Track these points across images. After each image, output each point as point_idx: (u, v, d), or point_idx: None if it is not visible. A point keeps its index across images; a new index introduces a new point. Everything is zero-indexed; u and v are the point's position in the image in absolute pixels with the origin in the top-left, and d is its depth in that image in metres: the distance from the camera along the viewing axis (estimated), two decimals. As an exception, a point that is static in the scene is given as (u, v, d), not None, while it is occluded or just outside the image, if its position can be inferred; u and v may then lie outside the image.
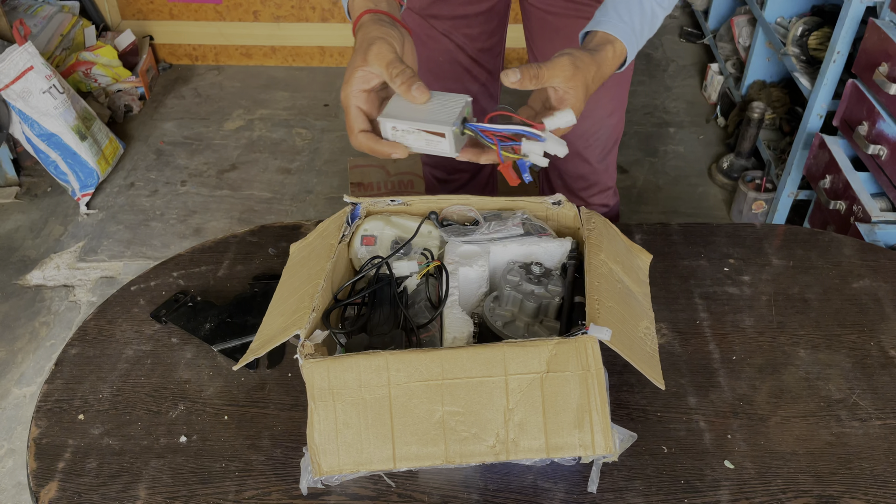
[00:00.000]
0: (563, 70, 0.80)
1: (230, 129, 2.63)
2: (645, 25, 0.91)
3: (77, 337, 1.00)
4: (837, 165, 1.69)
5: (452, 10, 1.26)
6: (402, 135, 0.80)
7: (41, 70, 2.13)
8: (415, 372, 0.73)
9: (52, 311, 1.94)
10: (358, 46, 0.82)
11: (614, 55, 0.87)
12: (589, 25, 0.91)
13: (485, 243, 0.91)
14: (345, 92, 0.82)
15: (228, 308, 1.02)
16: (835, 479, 0.82)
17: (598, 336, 0.73)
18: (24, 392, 1.74)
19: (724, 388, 0.92)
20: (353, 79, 0.81)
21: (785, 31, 2.15)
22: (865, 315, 1.02)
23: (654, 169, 2.42)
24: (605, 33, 0.88)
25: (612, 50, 0.87)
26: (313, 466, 0.73)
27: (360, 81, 0.81)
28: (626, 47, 0.88)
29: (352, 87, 0.81)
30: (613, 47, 0.87)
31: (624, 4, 0.89)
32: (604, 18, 0.89)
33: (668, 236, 1.16)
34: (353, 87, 0.81)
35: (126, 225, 2.21)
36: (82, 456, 0.85)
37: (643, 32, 0.91)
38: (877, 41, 1.56)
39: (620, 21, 0.88)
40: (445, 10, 1.26)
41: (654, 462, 0.84)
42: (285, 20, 2.88)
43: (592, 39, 0.88)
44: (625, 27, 0.88)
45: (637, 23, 0.89)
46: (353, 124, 0.82)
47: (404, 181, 2.20)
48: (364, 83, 0.81)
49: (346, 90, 0.82)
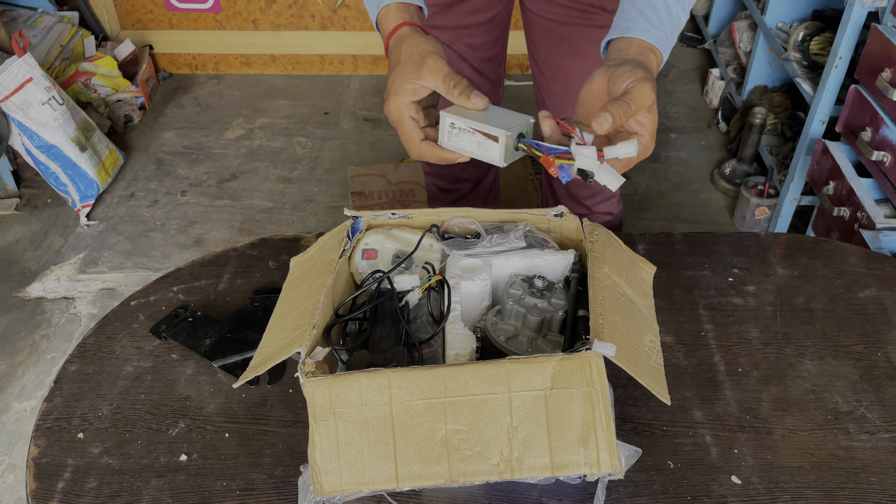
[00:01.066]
0: (647, 98, 0.76)
1: (230, 139, 2.62)
2: (674, 30, 0.87)
3: (76, 353, 0.99)
4: (841, 171, 1.68)
5: (455, 20, 1.26)
6: (457, 134, 0.80)
7: (40, 81, 2.12)
8: (417, 390, 0.72)
9: (52, 323, 1.93)
10: (406, 58, 0.82)
11: (657, 64, 0.83)
12: (615, 32, 0.85)
13: (487, 256, 0.90)
14: (395, 103, 0.82)
15: (229, 323, 1.01)
16: (843, 494, 0.81)
17: (603, 352, 0.72)
18: (25, 406, 1.73)
19: (730, 401, 0.91)
20: (403, 90, 0.81)
21: (786, 36, 2.14)
22: (872, 325, 1.01)
23: (656, 175, 2.41)
24: (641, 41, 0.83)
25: (655, 59, 0.83)
26: (315, 487, 0.72)
27: (411, 94, 0.81)
28: (664, 55, 0.85)
29: (403, 99, 0.81)
30: (655, 55, 0.83)
31: (651, 9, 0.84)
32: (634, 25, 0.84)
33: (672, 246, 1.15)
34: (404, 99, 0.81)
35: (126, 236, 2.21)
36: (82, 476, 0.84)
37: (673, 37, 0.87)
38: (879, 46, 1.55)
39: (652, 27, 0.84)
40: (448, 20, 1.25)
41: (660, 478, 0.83)
42: (285, 28, 2.88)
43: (629, 48, 0.83)
44: (658, 33, 0.84)
45: (668, 27, 0.86)
46: (412, 135, 0.83)
47: (405, 190, 2.19)
48: (414, 95, 0.81)
49: (396, 101, 0.82)
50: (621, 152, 0.76)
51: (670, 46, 0.87)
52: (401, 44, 0.84)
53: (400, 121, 0.83)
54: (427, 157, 0.83)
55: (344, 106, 2.79)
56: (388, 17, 0.86)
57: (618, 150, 0.76)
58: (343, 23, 2.86)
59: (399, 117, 0.83)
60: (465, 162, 0.84)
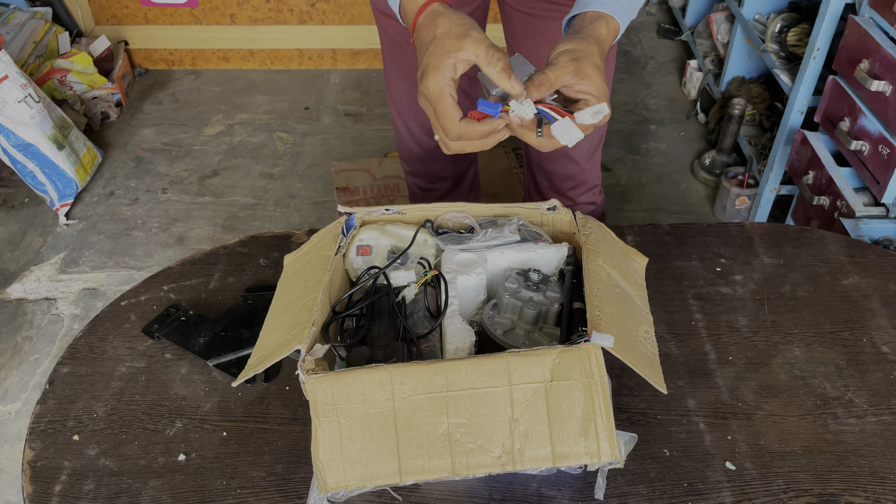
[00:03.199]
0: (565, 68, 0.80)
1: (210, 135, 2.60)
2: (633, 2, 0.90)
3: (68, 355, 0.98)
4: (820, 161, 1.71)
5: None
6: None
7: (16, 79, 2.09)
8: (418, 385, 0.72)
9: (34, 325, 1.90)
10: (444, 32, 0.80)
11: (608, 29, 0.86)
12: (575, 8, 0.89)
13: (482, 251, 0.91)
14: (435, 80, 0.79)
15: (222, 321, 1.01)
16: (834, 477, 0.83)
17: (601, 343, 0.73)
18: (10, 409, 1.71)
19: (721, 389, 0.93)
20: (444, 66, 0.78)
21: (763, 28, 2.17)
22: (856, 311, 1.04)
23: (637, 167, 2.44)
24: (595, 11, 0.86)
25: (606, 24, 0.86)
26: (319, 483, 0.72)
27: (451, 69, 0.79)
28: (619, 22, 0.87)
29: (444, 75, 0.79)
30: (606, 22, 0.86)
31: None
32: (591, 0, 0.87)
33: (659, 237, 1.16)
34: (445, 75, 0.79)
35: (107, 235, 2.18)
36: (79, 478, 0.83)
37: (632, 9, 0.90)
38: (857, 38, 1.58)
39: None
40: None
41: (656, 466, 0.84)
42: (262, 23, 2.85)
43: (582, 21, 0.87)
44: (612, 3, 0.87)
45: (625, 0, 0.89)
46: (452, 113, 0.79)
47: (390, 185, 2.19)
48: (454, 71, 0.79)
49: (437, 78, 0.79)
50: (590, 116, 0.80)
51: (628, 16, 0.89)
52: (436, 18, 0.82)
53: (440, 98, 0.79)
54: (466, 135, 0.80)
55: (324, 101, 2.77)
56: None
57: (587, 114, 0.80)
58: (322, 17, 2.84)
59: (439, 94, 0.79)
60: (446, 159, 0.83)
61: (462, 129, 0.80)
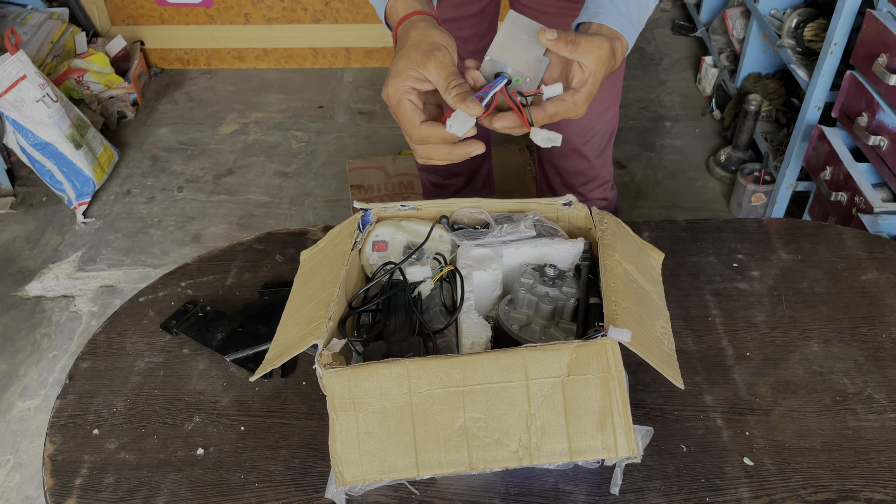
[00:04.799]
0: (599, 49, 0.79)
1: (225, 134, 2.61)
2: (641, 18, 0.89)
3: (87, 350, 0.99)
4: (838, 157, 1.69)
5: (443, 12, 1.25)
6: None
7: (34, 79, 2.11)
8: (435, 379, 0.73)
9: (52, 322, 1.92)
10: (413, 44, 0.80)
11: (622, 51, 0.85)
12: (584, 16, 0.87)
13: (497, 246, 0.91)
14: (395, 86, 0.79)
15: (239, 317, 1.02)
16: (854, 473, 0.83)
17: (618, 338, 0.73)
18: (29, 405, 1.73)
19: (739, 385, 0.93)
20: (406, 75, 0.79)
21: (779, 23, 2.15)
22: (875, 307, 1.03)
23: (651, 163, 2.43)
24: (609, 28, 0.85)
25: (621, 47, 0.85)
26: (336, 477, 0.72)
27: (413, 80, 0.79)
28: (628, 42, 0.87)
29: (405, 83, 0.79)
30: (621, 43, 0.85)
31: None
32: (602, 10, 0.86)
33: (676, 233, 1.16)
34: (406, 83, 0.79)
35: (124, 233, 2.20)
36: (99, 471, 0.84)
37: (639, 25, 0.89)
38: (875, 32, 1.57)
39: (619, 14, 0.86)
40: None
41: (673, 461, 0.84)
42: (277, 22, 2.86)
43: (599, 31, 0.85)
44: (624, 21, 0.86)
45: (634, 15, 0.87)
46: (412, 117, 0.80)
47: (404, 182, 2.19)
48: (416, 83, 0.79)
49: (396, 84, 0.79)
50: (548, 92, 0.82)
51: (636, 33, 0.89)
52: (410, 30, 0.82)
53: (399, 104, 0.80)
54: (429, 138, 0.80)
55: (338, 99, 2.78)
56: (398, 6, 0.85)
57: (549, 89, 0.82)
58: (335, 16, 2.85)
59: (398, 100, 0.80)
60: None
61: (424, 133, 0.80)
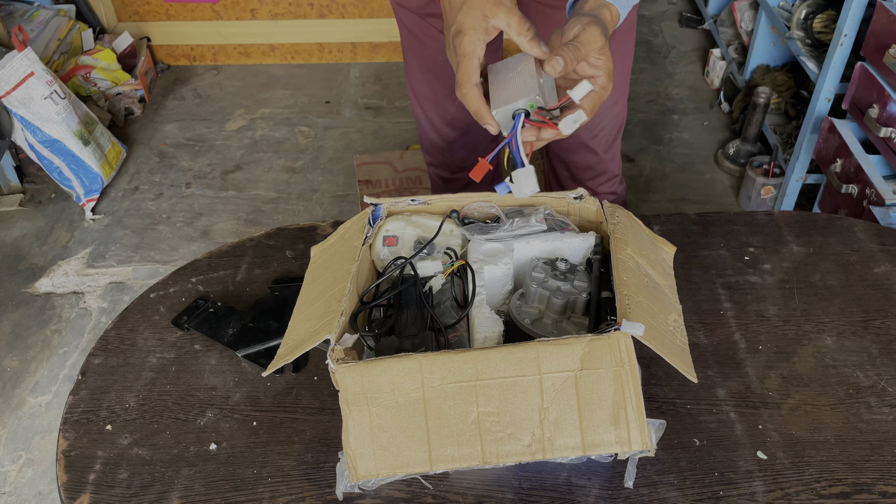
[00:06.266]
0: (596, 39, 0.79)
1: (232, 130, 2.61)
2: None
3: (99, 346, 0.99)
4: (848, 149, 1.68)
5: None
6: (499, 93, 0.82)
7: (42, 76, 2.11)
8: (448, 374, 0.73)
9: (62, 318, 1.93)
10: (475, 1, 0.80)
11: (611, 19, 0.86)
12: None
13: (508, 240, 0.91)
14: (471, 39, 0.79)
15: (250, 312, 1.02)
16: (868, 466, 0.82)
17: (632, 332, 0.73)
18: (40, 401, 1.74)
19: (752, 378, 0.92)
20: (479, 27, 0.79)
21: (788, 15, 2.14)
22: (889, 300, 1.02)
23: (660, 157, 2.42)
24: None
25: (609, 14, 0.85)
26: (350, 471, 0.72)
27: (483, 32, 0.79)
28: (619, 11, 0.87)
29: (479, 35, 0.79)
30: (609, 11, 0.85)
31: None
32: None
33: (686, 226, 1.15)
34: (480, 35, 0.79)
35: (133, 229, 2.20)
36: (113, 467, 0.84)
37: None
38: (886, 23, 1.55)
39: None
40: None
41: (686, 455, 0.84)
42: (283, 17, 2.86)
43: (585, 6, 0.86)
44: None
45: None
46: (471, 74, 0.80)
47: (412, 177, 2.19)
48: (486, 35, 0.80)
49: (472, 37, 0.79)
50: (577, 94, 0.80)
51: (628, 6, 0.88)
52: None
53: (470, 55, 0.80)
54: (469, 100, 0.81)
55: (345, 94, 2.78)
56: None
57: (575, 92, 0.80)
58: (342, 10, 2.84)
59: (471, 51, 0.80)
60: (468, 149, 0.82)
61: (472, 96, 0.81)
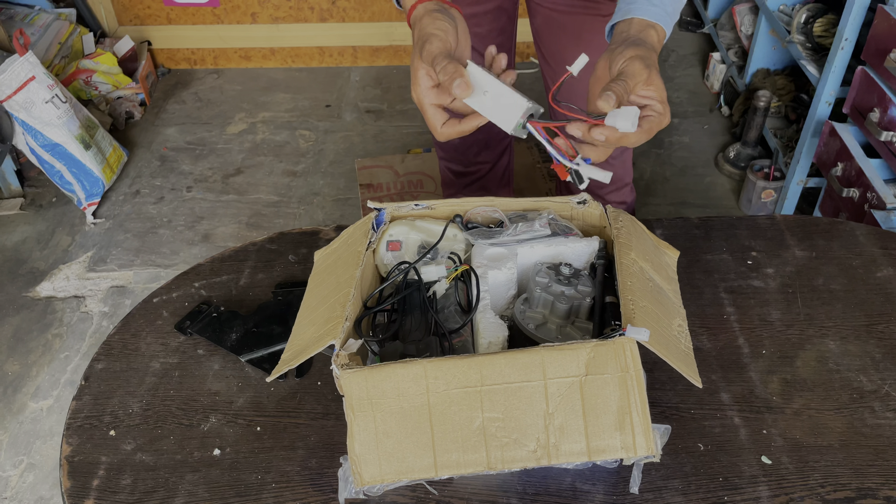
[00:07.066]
0: (640, 73, 0.80)
1: (233, 133, 2.61)
2: (675, 7, 0.90)
3: (102, 351, 0.99)
4: (849, 153, 1.68)
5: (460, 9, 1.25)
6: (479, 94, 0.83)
7: (43, 80, 2.11)
8: (453, 379, 0.72)
9: (64, 322, 1.93)
10: (415, 44, 0.86)
11: (658, 39, 0.87)
12: (618, 15, 0.89)
13: (512, 245, 0.91)
14: (415, 93, 0.86)
15: (253, 317, 1.02)
16: (872, 471, 0.82)
17: (637, 337, 0.73)
18: (41, 406, 1.73)
19: (755, 383, 0.92)
20: (418, 78, 0.84)
21: (788, 19, 2.14)
22: (892, 304, 1.02)
23: (660, 160, 2.42)
24: (641, 20, 0.86)
25: (656, 33, 0.86)
26: (355, 477, 0.72)
27: (425, 79, 0.84)
28: (666, 30, 0.88)
29: (420, 87, 0.85)
30: (656, 31, 0.86)
31: None
32: (634, 7, 0.88)
33: (689, 230, 1.15)
34: (421, 87, 0.85)
35: (134, 233, 2.20)
36: (116, 472, 0.84)
37: (674, 13, 0.90)
38: (886, 27, 1.56)
39: (652, 5, 0.87)
40: None
41: (691, 460, 0.84)
42: (283, 21, 2.86)
43: (630, 27, 0.87)
44: (657, 10, 0.87)
45: (668, 4, 0.89)
46: (434, 122, 0.86)
47: (413, 181, 2.19)
48: (429, 80, 0.84)
49: (416, 91, 0.85)
50: (576, 68, 0.82)
51: (672, 22, 0.90)
52: (414, 28, 0.88)
53: (422, 109, 0.87)
54: (452, 135, 0.87)
55: (345, 98, 2.78)
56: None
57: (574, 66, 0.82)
58: (342, 14, 2.85)
59: (421, 106, 0.86)
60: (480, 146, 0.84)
61: (447, 132, 0.87)
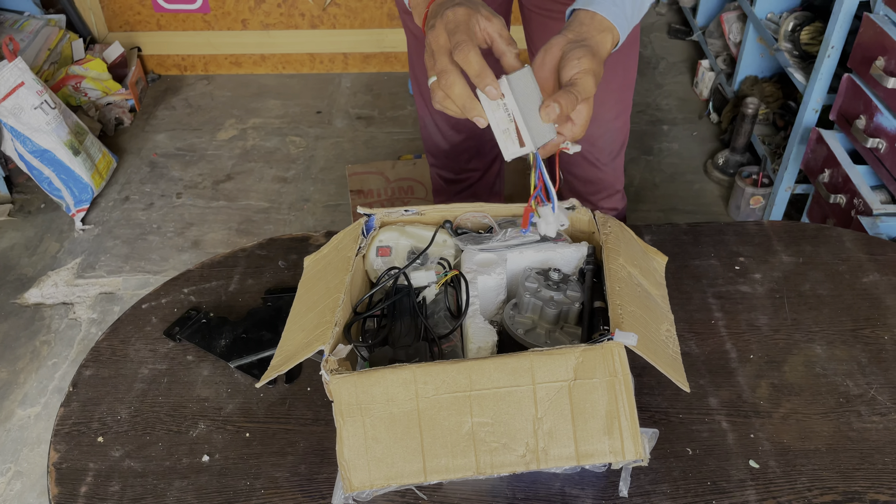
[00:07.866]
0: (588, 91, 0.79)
1: (223, 139, 2.61)
2: (635, 13, 0.90)
3: (91, 358, 0.98)
4: (836, 159, 1.70)
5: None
6: (496, 105, 0.79)
7: (32, 86, 2.11)
8: (442, 384, 0.73)
9: (52, 329, 1.92)
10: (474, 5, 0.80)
11: (612, 46, 0.86)
12: (580, 2, 0.87)
13: (501, 250, 0.91)
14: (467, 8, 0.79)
15: (242, 323, 1.01)
16: (859, 475, 0.83)
17: (625, 342, 0.73)
18: (29, 413, 1.72)
19: (743, 388, 0.93)
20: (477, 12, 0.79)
21: (776, 27, 2.16)
22: (877, 309, 1.03)
23: (650, 167, 2.43)
24: (602, 18, 0.85)
25: (611, 39, 0.85)
26: (344, 482, 0.72)
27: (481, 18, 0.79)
28: (621, 36, 0.86)
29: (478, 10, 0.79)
30: (612, 36, 0.85)
31: None
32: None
33: (677, 236, 1.16)
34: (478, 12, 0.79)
35: (123, 239, 2.19)
36: (104, 479, 0.84)
37: (633, 19, 0.89)
38: (872, 36, 1.57)
39: (614, 5, 0.86)
40: None
41: (679, 464, 0.84)
42: (274, 28, 2.87)
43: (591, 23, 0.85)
44: (618, 11, 0.86)
45: (629, 10, 0.88)
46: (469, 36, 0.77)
47: (404, 187, 2.19)
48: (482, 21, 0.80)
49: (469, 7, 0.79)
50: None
51: (629, 28, 0.89)
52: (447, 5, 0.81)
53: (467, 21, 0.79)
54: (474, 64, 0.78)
55: (336, 104, 2.78)
56: None
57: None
58: (333, 21, 2.85)
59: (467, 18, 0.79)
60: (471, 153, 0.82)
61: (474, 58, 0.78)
